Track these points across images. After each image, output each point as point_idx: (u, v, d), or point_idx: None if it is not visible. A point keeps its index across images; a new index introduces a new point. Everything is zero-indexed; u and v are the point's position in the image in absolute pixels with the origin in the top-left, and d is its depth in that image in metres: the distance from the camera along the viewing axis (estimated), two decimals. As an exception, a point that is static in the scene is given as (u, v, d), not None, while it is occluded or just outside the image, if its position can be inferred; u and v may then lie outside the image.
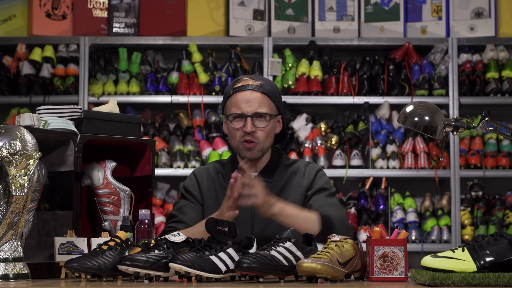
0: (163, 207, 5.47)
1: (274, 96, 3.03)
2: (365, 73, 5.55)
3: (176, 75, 5.52)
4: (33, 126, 2.58)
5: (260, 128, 2.98)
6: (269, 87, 3.03)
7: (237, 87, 3.01)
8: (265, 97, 3.00)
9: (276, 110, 3.04)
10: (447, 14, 5.61)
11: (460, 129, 2.55)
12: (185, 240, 2.40)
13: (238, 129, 2.99)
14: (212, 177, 3.10)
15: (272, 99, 3.02)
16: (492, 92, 5.46)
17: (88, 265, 2.33)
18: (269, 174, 3.05)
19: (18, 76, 5.53)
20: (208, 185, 3.09)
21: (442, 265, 2.24)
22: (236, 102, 3.00)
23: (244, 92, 3.00)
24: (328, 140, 5.48)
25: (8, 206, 2.32)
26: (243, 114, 2.98)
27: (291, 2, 5.65)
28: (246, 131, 2.97)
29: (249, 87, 3.00)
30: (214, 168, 3.14)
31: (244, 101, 2.99)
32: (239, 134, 3.00)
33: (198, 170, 3.16)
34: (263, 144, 3.01)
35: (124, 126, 2.88)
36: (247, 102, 2.98)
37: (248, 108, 2.98)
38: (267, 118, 2.99)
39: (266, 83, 3.04)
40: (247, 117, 2.97)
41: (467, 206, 5.42)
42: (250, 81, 3.02)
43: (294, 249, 2.34)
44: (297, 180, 3.06)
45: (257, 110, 2.98)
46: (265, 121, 2.99)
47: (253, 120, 2.98)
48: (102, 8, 5.65)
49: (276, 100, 3.04)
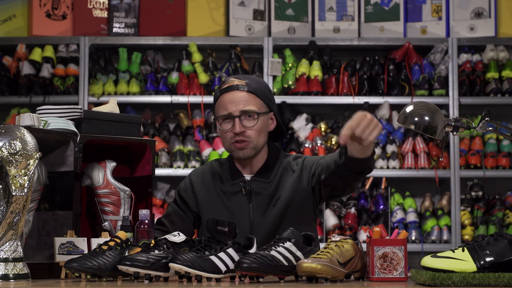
0: (163, 207, 5.47)
1: (262, 94, 3.01)
2: (365, 73, 5.55)
3: (176, 75, 5.53)
4: (33, 126, 2.58)
5: (249, 127, 2.97)
6: (256, 85, 3.01)
7: (223, 89, 3.01)
8: (251, 96, 2.98)
9: (265, 107, 3.01)
10: (447, 14, 5.62)
11: (460, 129, 2.55)
12: (185, 240, 2.40)
13: (227, 130, 2.98)
14: (208, 182, 3.06)
15: (259, 96, 3.00)
16: (492, 92, 5.46)
17: (88, 265, 2.33)
18: (266, 174, 3.03)
19: (18, 76, 5.53)
20: (204, 191, 3.05)
21: (442, 265, 2.24)
22: (223, 104, 2.99)
23: (230, 93, 2.99)
24: (328, 140, 5.48)
25: (8, 206, 2.32)
26: (230, 115, 2.97)
27: (291, 2, 5.65)
28: (235, 132, 2.96)
29: (234, 88, 2.99)
30: (211, 170, 3.10)
31: (230, 101, 2.97)
32: (229, 135, 2.98)
33: (195, 173, 3.12)
34: (256, 142, 2.98)
35: (124, 126, 2.88)
36: (233, 102, 2.97)
37: (234, 108, 2.96)
38: (254, 117, 2.97)
39: (253, 81, 3.02)
40: (235, 118, 2.96)
41: (467, 206, 5.42)
42: (235, 81, 3.00)
43: (294, 249, 2.34)
44: (288, 175, 3.03)
45: (244, 109, 2.96)
46: (253, 120, 2.97)
47: (241, 120, 2.96)
48: (102, 8, 5.65)
49: (265, 97, 3.01)
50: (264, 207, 2.98)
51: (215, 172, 3.09)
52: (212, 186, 3.05)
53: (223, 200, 3.01)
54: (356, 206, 5.46)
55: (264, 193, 2.99)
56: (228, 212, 2.98)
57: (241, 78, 3.03)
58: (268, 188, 2.99)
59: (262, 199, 2.99)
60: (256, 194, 3.00)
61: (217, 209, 2.99)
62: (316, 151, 5.41)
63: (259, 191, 3.00)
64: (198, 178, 3.08)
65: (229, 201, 3.01)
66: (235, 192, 3.01)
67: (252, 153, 3.00)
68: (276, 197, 2.99)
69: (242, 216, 2.95)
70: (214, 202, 3.02)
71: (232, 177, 3.04)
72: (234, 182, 3.02)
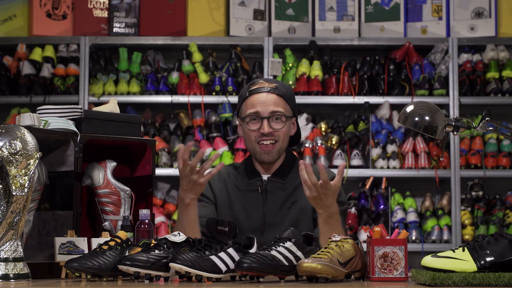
0: (163, 207, 5.47)
1: (289, 99, 3.06)
2: (365, 73, 5.55)
3: (176, 75, 5.52)
4: (33, 126, 2.58)
5: (276, 129, 3.01)
6: (284, 90, 3.07)
7: (253, 89, 3.04)
8: (281, 99, 3.03)
9: (291, 112, 3.07)
10: (448, 14, 5.61)
11: (460, 129, 2.55)
12: (185, 240, 2.40)
13: (254, 130, 3.02)
14: (223, 179, 3.11)
15: (287, 101, 3.05)
16: (492, 92, 5.46)
17: (88, 265, 2.33)
18: (282, 176, 3.07)
19: (18, 76, 5.53)
20: (220, 186, 3.10)
21: (443, 265, 2.24)
22: (252, 104, 3.02)
23: (259, 94, 3.03)
24: (329, 140, 5.48)
25: (8, 206, 2.32)
26: (259, 115, 3.00)
27: (292, 2, 5.65)
28: (263, 132, 3.00)
29: (264, 89, 3.03)
30: (226, 171, 3.14)
31: (259, 102, 3.02)
32: (255, 135, 3.01)
33: None
34: (281, 144, 3.03)
35: (124, 126, 2.88)
36: (263, 104, 3.01)
37: (264, 109, 3.00)
38: (283, 119, 3.02)
39: (281, 86, 3.08)
40: (263, 119, 3.00)
41: (467, 206, 5.42)
42: (265, 84, 3.05)
43: (295, 249, 2.34)
44: None
45: (273, 111, 3.00)
46: (281, 122, 3.02)
47: (269, 121, 3.00)
48: (102, 8, 5.65)
49: (291, 102, 3.07)
50: (278, 207, 3.02)
51: (230, 173, 3.14)
52: (228, 183, 3.10)
53: (238, 196, 3.06)
54: (356, 206, 5.46)
55: (280, 193, 3.04)
56: (242, 208, 3.02)
57: (271, 81, 3.08)
58: (284, 189, 3.03)
59: (277, 199, 3.03)
60: (271, 193, 3.04)
61: (231, 204, 3.03)
62: (316, 151, 5.41)
63: (274, 191, 3.04)
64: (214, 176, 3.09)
65: (244, 198, 3.05)
66: (251, 190, 3.06)
67: (276, 156, 3.05)
68: (291, 200, 3.03)
69: (255, 212, 3.00)
70: (229, 197, 3.06)
71: (249, 177, 3.08)
72: (251, 181, 3.07)
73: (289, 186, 3.05)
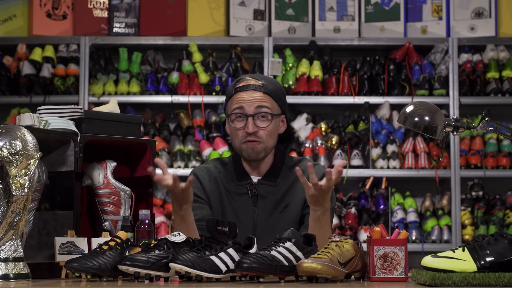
0: (163, 207, 5.47)
1: (276, 96, 2.99)
2: (365, 73, 5.56)
3: (176, 75, 5.53)
4: (33, 126, 2.58)
5: (261, 127, 2.95)
6: (271, 87, 3.00)
7: (239, 87, 2.99)
8: (267, 97, 2.97)
9: (278, 109, 3.00)
10: (448, 14, 5.61)
11: (460, 129, 2.55)
12: (185, 240, 2.40)
13: (239, 128, 2.96)
14: (214, 177, 3.04)
15: (274, 98, 2.98)
16: (492, 92, 5.46)
17: (88, 265, 2.33)
18: (273, 178, 3.01)
19: (18, 76, 5.54)
20: (212, 186, 3.03)
21: (443, 265, 2.24)
22: (238, 102, 2.96)
23: (245, 92, 2.97)
24: (329, 140, 5.48)
25: (8, 206, 2.32)
26: (244, 113, 2.96)
27: (292, 2, 5.65)
28: (248, 132, 2.94)
29: (250, 87, 2.97)
30: (215, 168, 3.08)
31: (245, 100, 2.95)
32: (241, 134, 2.96)
33: (198, 170, 3.08)
34: (267, 143, 2.96)
35: (124, 126, 2.88)
36: (248, 101, 2.95)
37: (249, 107, 2.95)
38: (268, 118, 2.95)
39: (269, 83, 3.01)
40: (248, 117, 2.94)
41: (467, 206, 5.42)
42: (252, 81, 2.99)
43: (295, 249, 2.33)
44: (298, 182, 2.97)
45: (259, 109, 2.95)
46: (267, 121, 2.95)
47: (254, 119, 2.94)
48: (102, 8, 5.65)
49: (279, 100, 3.00)
50: (269, 211, 2.97)
51: (220, 171, 3.06)
52: (219, 183, 3.03)
53: (228, 199, 3.00)
54: (356, 206, 5.46)
55: (271, 197, 2.98)
56: (232, 212, 2.97)
57: (257, 78, 3.01)
58: (275, 192, 2.98)
59: (268, 203, 2.98)
60: (262, 197, 2.98)
61: (223, 207, 2.98)
62: (316, 151, 5.41)
63: (265, 195, 2.98)
64: (204, 174, 3.05)
65: (234, 201, 2.99)
66: (241, 193, 3.00)
67: (262, 154, 2.97)
68: (283, 204, 2.98)
69: (246, 218, 2.94)
70: (220, 199, 3.00)
71: (238, 178, 3.02)
72: (241, 184, 3.01)
73: (280, 189, 2.99)
